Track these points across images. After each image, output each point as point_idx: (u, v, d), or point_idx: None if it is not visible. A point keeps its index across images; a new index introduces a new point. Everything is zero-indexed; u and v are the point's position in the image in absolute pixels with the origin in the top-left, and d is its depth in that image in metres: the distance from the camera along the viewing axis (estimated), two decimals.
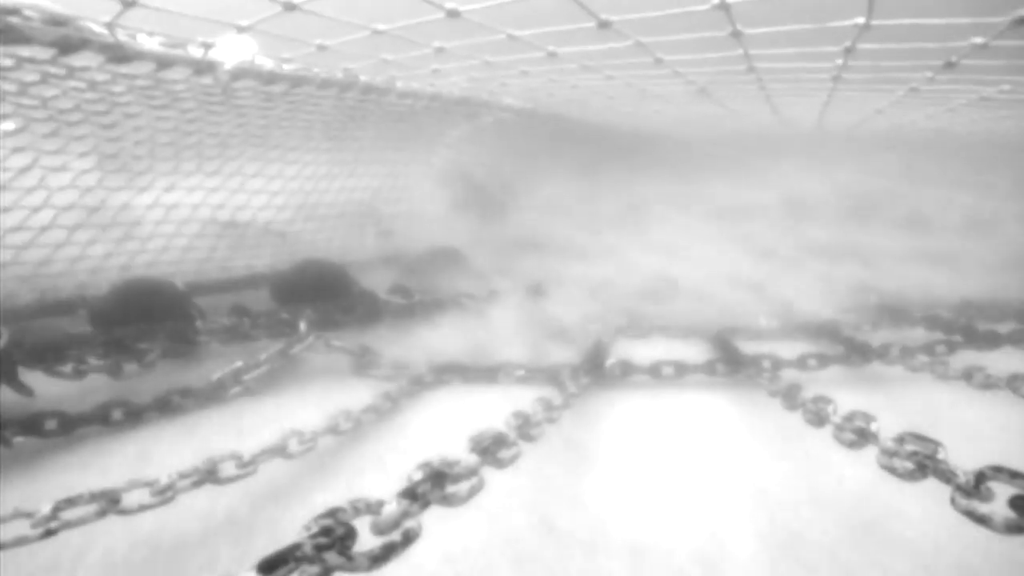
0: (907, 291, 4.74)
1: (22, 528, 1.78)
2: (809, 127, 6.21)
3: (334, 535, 1.28)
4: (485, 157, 6.62)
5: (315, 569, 1.21)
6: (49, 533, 1.81)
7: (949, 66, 2.85)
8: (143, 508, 1.99)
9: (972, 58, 2.74)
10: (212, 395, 3.22)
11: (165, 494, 2.04)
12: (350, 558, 1.27)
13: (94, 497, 1.93)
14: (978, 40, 2.49)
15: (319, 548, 1.23)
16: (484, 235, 6.23)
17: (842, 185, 6.95)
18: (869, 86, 3.75)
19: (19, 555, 1.80)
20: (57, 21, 2.35)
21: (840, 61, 3.04)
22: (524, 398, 2.52)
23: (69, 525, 1.84)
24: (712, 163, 7.72)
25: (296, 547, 1.21)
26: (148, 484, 2.04)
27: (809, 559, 1.95)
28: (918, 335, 3.95)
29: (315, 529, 1.29)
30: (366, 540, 1.36)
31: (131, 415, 2.99)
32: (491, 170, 6.76)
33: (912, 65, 3.08)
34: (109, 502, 1.94)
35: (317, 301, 4.31)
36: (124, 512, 1.96)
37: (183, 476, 2.12)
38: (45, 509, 1.84)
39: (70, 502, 1.89)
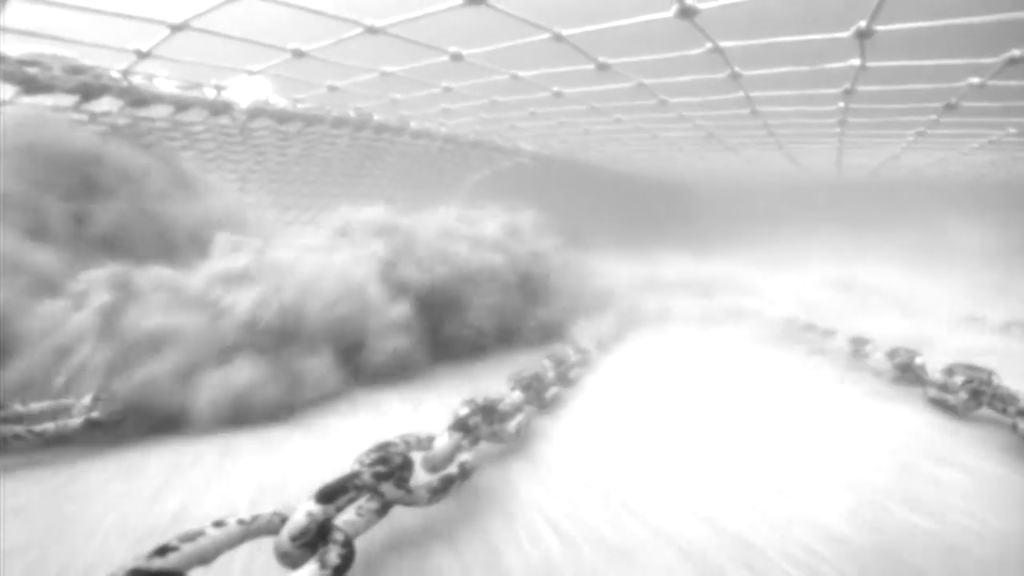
0: None
1: None
2: (830, 175, 6.20)
3: (392, 464, 1.20)
4: (502, 197, 6.75)
5: (373, 504, 1.15)
6: None
7: (949, 108, 2.84)
8: None
9: (971, 99, 2.74)
10: None
11: None
12: (409, 491, 1.21)
13: None
14: (975, 80, 2.49)
15: (377, 477, 1.17)
16: None
17: None
18: (877, 131, 3.75)
19: None
20: (77, 70, 2.53)
21: (842, 104, 3.05)
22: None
23: None
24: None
25: (354, 475, 1.14)
26: None
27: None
28: None
29: (371, 459, 1.20)
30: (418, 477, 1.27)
31: None
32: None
33: (914, 107, 3.08)
34: None
35: None
36: None
37: None
38: None
39: None
